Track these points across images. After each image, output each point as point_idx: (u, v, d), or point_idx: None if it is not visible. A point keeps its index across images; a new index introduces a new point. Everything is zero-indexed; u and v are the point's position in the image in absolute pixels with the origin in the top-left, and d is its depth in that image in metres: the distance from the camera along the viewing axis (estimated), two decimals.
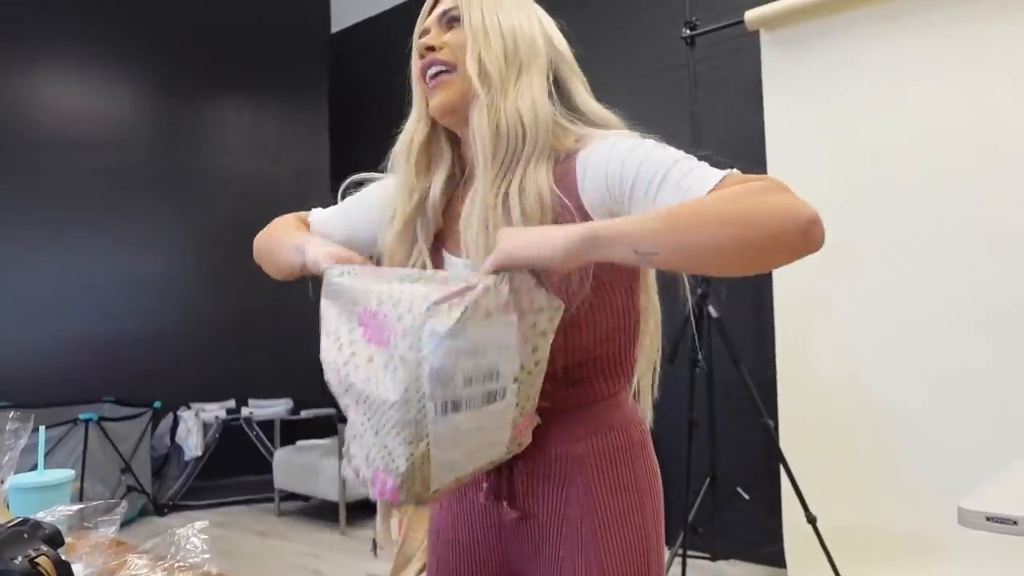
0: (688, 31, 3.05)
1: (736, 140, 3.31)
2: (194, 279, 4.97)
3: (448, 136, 0.95)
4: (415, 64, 0.93)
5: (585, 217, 0.81)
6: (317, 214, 1.08)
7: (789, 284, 3.04)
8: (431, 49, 0.89)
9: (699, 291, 2.81)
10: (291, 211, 1.09)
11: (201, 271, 5.00)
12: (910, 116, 2.73)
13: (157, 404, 4.54)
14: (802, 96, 3.01)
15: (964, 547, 2.48)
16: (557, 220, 0.81)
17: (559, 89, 0.91)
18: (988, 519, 1.37)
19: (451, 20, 0.90)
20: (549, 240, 0.71)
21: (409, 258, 0.93)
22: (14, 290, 4.38)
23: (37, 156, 4.49)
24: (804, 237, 0.66)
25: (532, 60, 0.88)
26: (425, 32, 0.92)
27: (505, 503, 0.91)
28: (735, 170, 0.75)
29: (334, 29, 5.62)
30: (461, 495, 0.98)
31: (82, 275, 4.59)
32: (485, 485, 0.93)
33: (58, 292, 4.51)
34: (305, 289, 1.06)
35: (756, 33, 3.11)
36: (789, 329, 3.03)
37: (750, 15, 3.00)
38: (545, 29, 0.93)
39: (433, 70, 0.89)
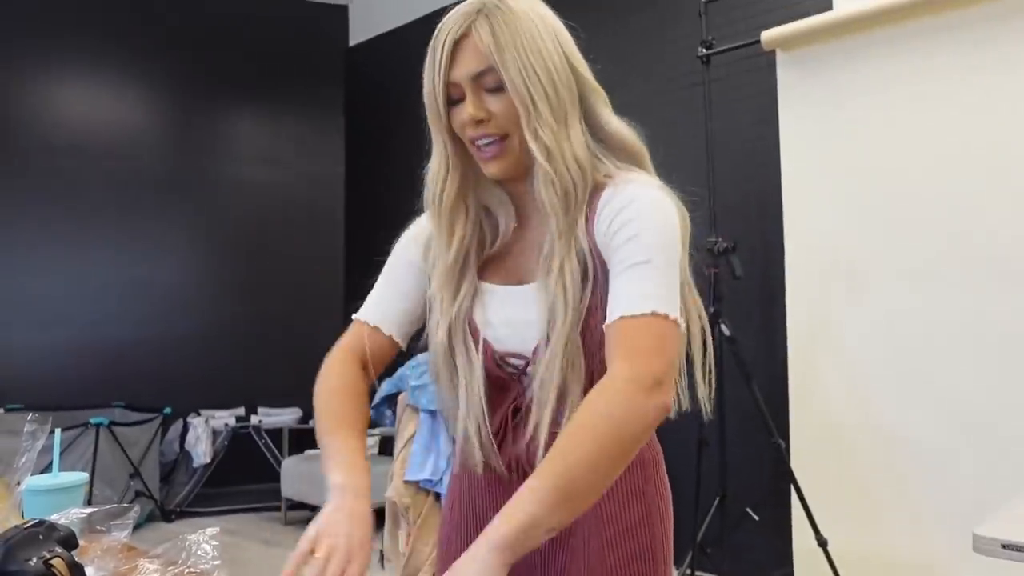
0: (704, 50, 3.06)
1: (751, 160, 3.31)
2: (206, 287, 5.01)
3: (478, 179, 0.94)
4: (442, 113, 0.89)
5: (593, 247, 0.87)
6: (367, 316, 1.01)
7: (802, 305, 3.03)
8: (480, 122, 0.87)
9: (711, 310, 2.80)
10: (305, 221, 1.09)
11: (214, 279, 5.03)
12: (926, 137, 2.73)
13: (167, 410, 4.56)
14: (818, 116, 3.01)
15: (974, 574, 2.44)
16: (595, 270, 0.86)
17: (589, 119, 0.91)
18: (1004, 546, 1.35)
19: (489, 86, 0.86)
20: (482, 564, 0.70)
21: (456, 297, 0.93)
22: (28, 295, 4.42)
23: (53, 163, 4.55)
24: (656, 421, 0.78)
25: (572, 102, 0.88)
26: (454, 86, 0.87)
27: None
28: (675, 317, 0.81)
29: (352, 42, 5.68)
30: (471, 511, 0.98)
31: (95, 281, 4.63)
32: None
33: (72, 298, 4.55)
34: (316, 298, 1.06)
35: (772, 53, 3.12)
36: (801, 349, 3.01)
37: (766, 35, 3.01)
38: (568, 55, 0.90)
39: (484, 141, 0.88)
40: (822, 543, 2.54)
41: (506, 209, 0.97)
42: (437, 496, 2.26)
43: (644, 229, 0.83)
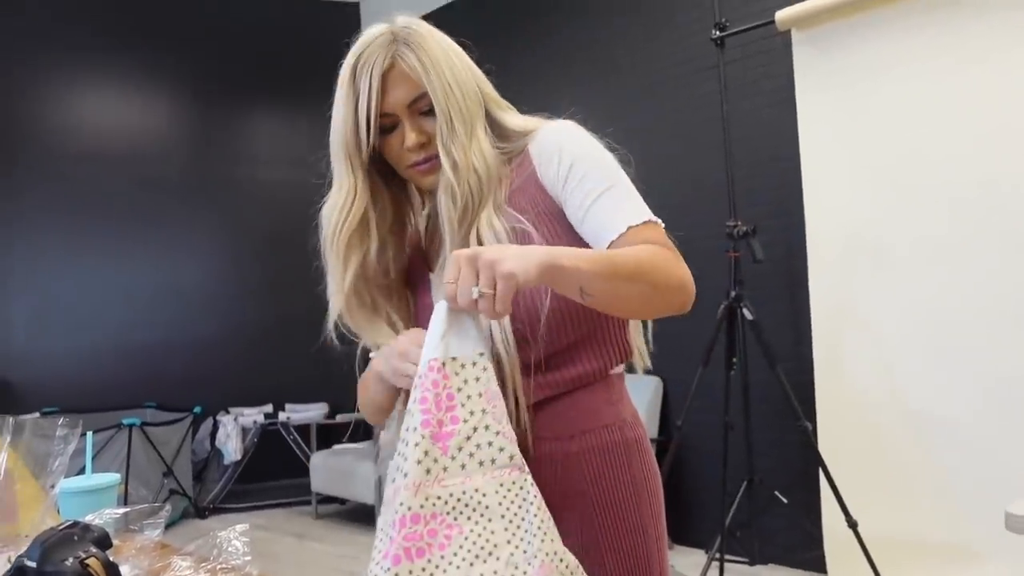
0: (718, 32, 3.03)
1: (768, 141, 3.28)
2: (232, 287, 5.07)
3: (378, 205, 0.97)
4: (362, 143, 0.92)
5: (543, 193, 0.91)
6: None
7: (826, 286, 2.99)
8: (422, 146, 0.92)
9: (733, 293, 2.78)
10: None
11: (239, 279, 5.09)
12: (947, 114, 2.68)
13: (197, 409, 4.63)
14: (835, 95, 2.97)
15: (1007, 554, 2.42)
16: (520, 239, 0.89)
17: (492, 126, 0.96)
18: None
19: (424, 109, 0.91)
20: (528, 259, 0.73)
21: (371, 323, 0.97)
22: (60, 300, 4.51)
23: (79, 169, 4.62)
24: (682, 307, 0.85)
25: (477, 115, 0.93)
26: (387, 116, 0.91)
27: None
28: (655, 219, 0.88)
29: None
30: None
31: (123, 285, 4.70)
32: None
33: (101, 302, 4.63)
34: None
35: (787, 33, 3.07)
36: (826, 331, 2.98)
37: (781, 15, 2.97)
38: (474, 73, 0.95)
39: (421, 159, 0.93)
40: (852, 525, 2.52)
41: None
42: None
43: (590, 161, 0.90)
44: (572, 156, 0.90)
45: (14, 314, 4.38)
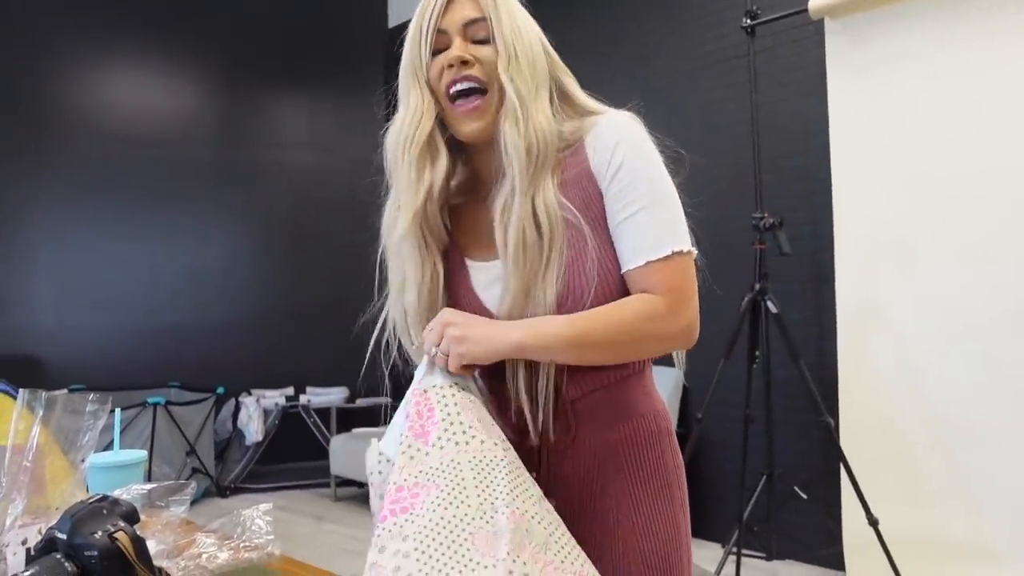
0: (749, 20, 2.99)
1: (798, 131, 3.23)
2: (255, 270, 5.11)
3: (445, 133, 0.94)
4: (425, 60, 0.90)
5: (595, 186, 0.89)
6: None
7: (852, 281, 2.96)
8: (465, 63, 0.88)
9: (757, 286, 2.75)
10: (348, 204, 1.10)
11: (262, 262, 5.13)
12: (982, 107, 2.62)
13: (220, 390, 4.69)
14: (868, 87, 2.92)
15: None
16: (568, 222, 0.89)
17: (561, 96, 0.95)
18: None
19: (478, 35, 0.89)
20: (492, 343, 0.84)
21: (420, 265, 0.93)
22: (86, 281, 4.57)
23: (106, 149, 4.68)
24: (683, 347, 0.89)
25: (544, 78, 0.92)
26: (442, 33, 0.90)
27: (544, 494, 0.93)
28: (689, 249, 0.87)
29: (392, 24, 5.69)
30: None
31: (149, 265, 4.76)
32: (534, 475, 0.94)
33: (127, 282, 4.69)
34: (361, 280, 1.08)
35: (820, 22, 3.02)
36: (851, 326, 2.95)
37: (814, 3, 2.92)
38: (543, 42, 0.95)
39: (464, 86, 0.89)
40: (873, 523, 2.49)
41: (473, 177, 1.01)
42: None
43: (638, 170, 0.88)
44: (623, 157, 0.88)
45: (41, 292, 4.46)
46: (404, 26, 0.95)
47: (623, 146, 0.88)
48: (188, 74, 5.02)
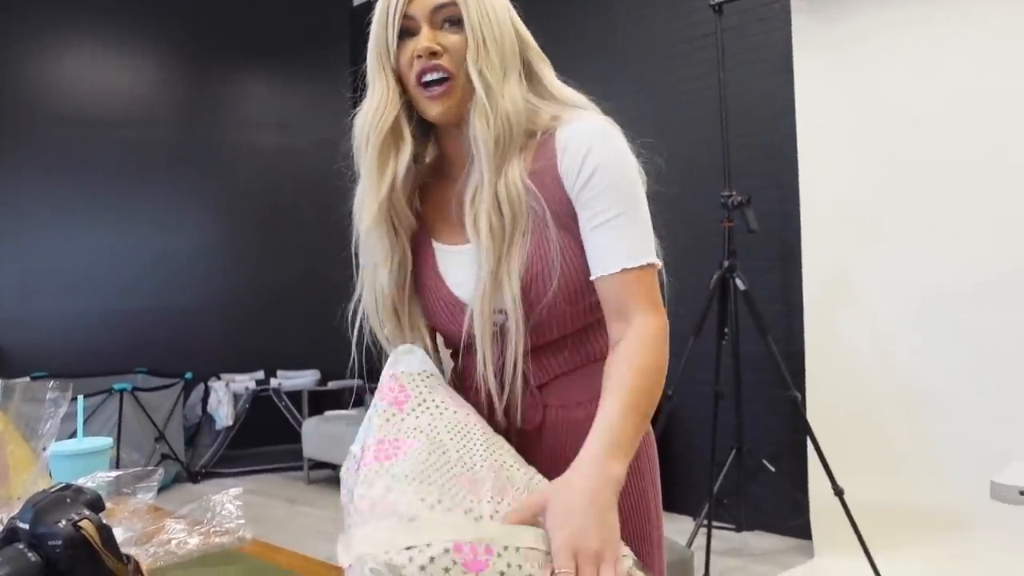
0: None
1: (765, 110, 3.25)
2: (223, 252, 5.04)
3: (412, 120, 0.94)
4: (392, 47, 0.90)
5: (558, 187, 0.88)
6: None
7: (818, 257, 3.00)
8: (433, 54, 0.88)
9: (725, 264, 2.78)
10: (317, 184, 1.08)
11: (229, 244, 5.05)
12: (947, 86, 2.66)
13: (188, 375, 4.63)
14: (834, 65, 2.94)
15: (993, 521, 2.46)
16: (533, 208, 0.88)
17: (529, 76, 0.94)
18: (1022, 493, 1.36)
19: (448, 20, 0.88)
20: (603, 522, 0.74)
21: (389, 252, 0.94)
22: (50, 266, 4.47)
23: (66, 133, 4.55)
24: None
25: (512, 60, 0.91)
26: (409, 18, 0.89)
27: None
28: (653, 262, 0.87)
29: (356, 2, 5.59)
30: None
31: (114, 250, 4.67)
32: None
33: (91, 266, 4.60)
34: (330, 262, 1.06)
35: (786, 0, 3.03)
36: (818, 302, 3.00)
37: None
38: (515, 25, 0.94)
39: (433, 76, 0.88)
40: (838, 492, 2.55)
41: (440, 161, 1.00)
42: None
43: (612, 177, 0.87)
44: (595, 164, 0.87)
45: (2, 278, 4.35)
46: (369, 4, 0.94)
47: (595, 153, 0.87)
48: (151, 54, 4.89)
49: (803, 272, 3.03)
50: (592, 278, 0.88)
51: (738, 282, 2.75)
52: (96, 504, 0.75)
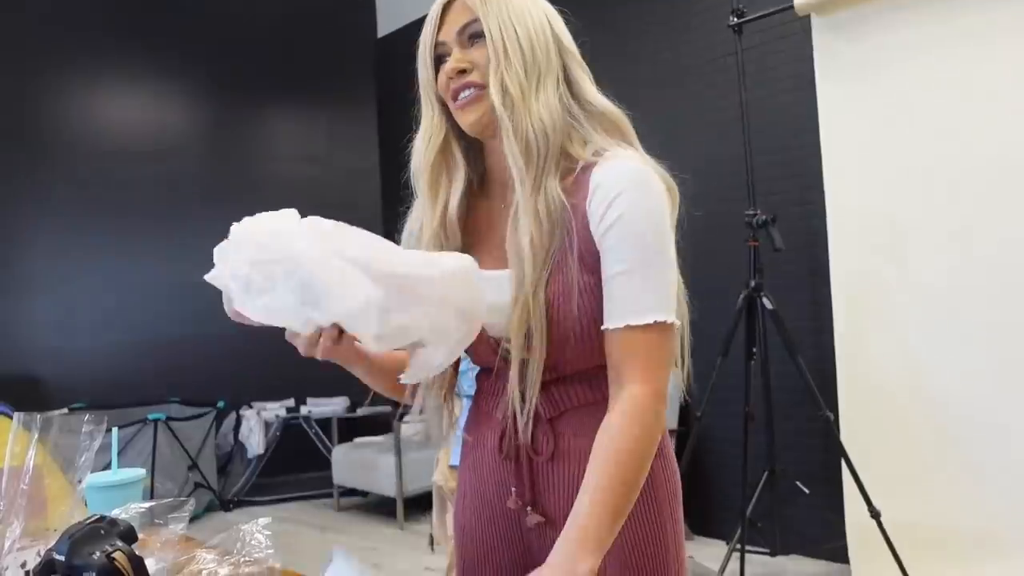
0: (735, 19, 3.00)
1: (789, 129, 3.24)
2: None
3: (461, 144, 0.96)
4: (430, 77, 0.92)
5: (584, 226, 0.87)
6: None
7: (847, 274, 2.96)
8: (462, 72, 0.89)
9: (752, 283, 2.76)
10: (342, 215, 1.10)
11: None
12: (970, 100, 2.63)
13: (221, 404, 4.69)
14: (856, 82, 2.93)
15: None
16: (566, 226, 0.87)
17: (570, 87, 0.93)
18: None
19: (472, 35, 0.89)
20: None
21: None
22: (84, 299, 4.58)
23: (101, 168, 4.68)
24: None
25: (548, 67, 0.90)
26: (441, 45, 0.91)
27: (528, 508, 0.93)
28: (672, 321, 0.85)
29: (381, 33, 5.70)
30: (485, 497, 0.99)
31: (146, 282, 4.77)
32: (514, 490, 0.94)
33: (124, 299, 4.70)
34: None
35: (807, 18, 3.03)
36: (848, 320, 2.95)
37: (799, 0, 2.93)
38: (555, 29, 0.93)
39: (466, 93, 0.90)
40: (875, 515, 2.50)
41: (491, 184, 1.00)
42: None
43: (637, 227, 0.85)
44: (621, 211, 0.84)
45: (39, 312, 4.46)
46: (393, 36, 0.97)
47: (624, 199, 0.84)
48: (180, 90, 5.03)
49: (831, 290, 2.99)
50: (602, 329, 0.86)
51: (765, 301, 2.73)
52: (129, 535, 0.77)
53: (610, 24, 3.97)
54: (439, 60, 0.92)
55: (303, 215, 0.83)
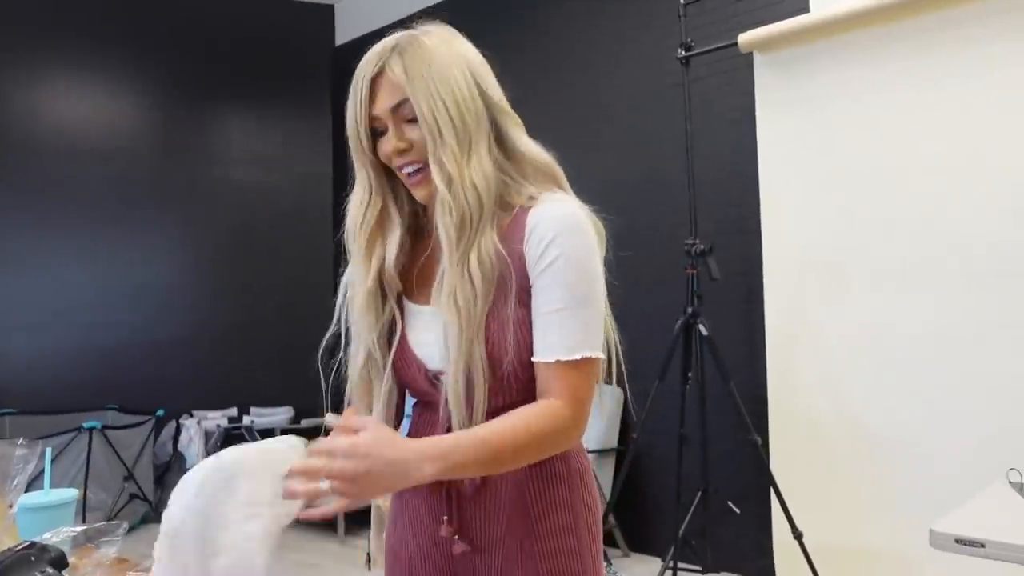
0: (683, 52, 3.11)
1: (729, 159, 3.36)
2: (197, 288, 5.04)
3: (398, 202, 1.00)
4: (366, 145, 0.96)
5: (521, 266, 0.92)
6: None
7: (780, 304, 3.09)
8: (402, 152, 0.93)
9: (689, 309, 2.85)
10: (295, 222, 1.12)
11: (204, 280, 5.06)
12: (902, 139, 2.78)
13: (160, 412, 4.60)
14: (795, 117, 3.06)
15: (943, 568, 2.52)
16: (502, 274, 0.92)
17: (500, 142, 0.96)
18: (957, 541, 1.42)
19: (406, 118, 0.93)
20: (404, 483, 0.82)
21: (378, 320, 0.99)
22: (18, 299, 4.44)
23: (43, 166, 4.57)
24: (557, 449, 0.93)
25: (478, 131, 0.93)
26: (376, 119, 0.94)
27: (455, 536, 0.97)
28: (598, 356, 0.92)
29: (339, 41, 5.70)
30: (416, 522, 1.03)
31: (85, 284, 4.65)
32: (445, 519, 0.98)
33: (62, 301, 4.58)
34: (306, 299, 1.10)
35: (750, 55, 3.16)
36: (779, 348, 3.08)
37: (743, 38, 3.06)
38: (481, 87, 0.95)
39: (409, 169, 0.94)
40: (797, 536, 2.61)
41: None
42: None
43: (569, 271, 0.90)
44: (555, 254, 0.90)
45: None
46: (352, 43, 1.00)
47: (558, 244, 0.90)
48: (130, 89, 4.94)
49: (765, 318, 3.12)
50: (532, 359, 0.92)
51: (702, 328, 2.82)
52: (59, 561, 0.78)
53: (559, 52, 4.06)
54: (374, 132, 0.96)
55: (254, 220, 0.88)
